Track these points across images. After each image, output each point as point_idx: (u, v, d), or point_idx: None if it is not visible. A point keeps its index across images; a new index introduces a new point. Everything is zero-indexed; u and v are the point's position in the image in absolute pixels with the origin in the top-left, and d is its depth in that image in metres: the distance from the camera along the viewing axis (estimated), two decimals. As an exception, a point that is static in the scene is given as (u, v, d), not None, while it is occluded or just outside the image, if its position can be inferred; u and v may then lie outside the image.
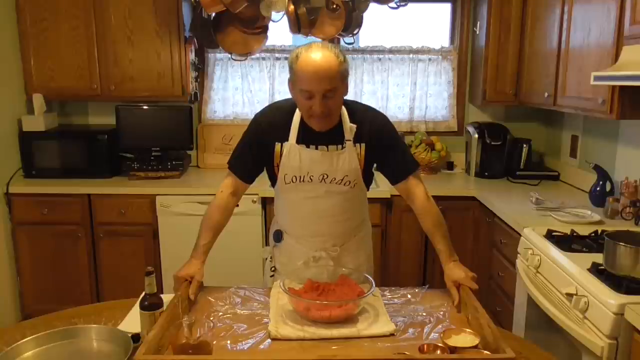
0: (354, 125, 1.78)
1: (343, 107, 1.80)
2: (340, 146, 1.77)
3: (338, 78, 1.65)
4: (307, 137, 1.78)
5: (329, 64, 1.62)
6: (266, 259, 2.03)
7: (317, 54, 1.63)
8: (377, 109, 1.92)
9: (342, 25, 2.98)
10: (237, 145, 1.88)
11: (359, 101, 2.12)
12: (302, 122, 1.78)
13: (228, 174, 1.88)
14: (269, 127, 1.81)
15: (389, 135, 1.84)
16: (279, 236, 1.96)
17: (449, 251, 1.77)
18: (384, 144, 1.82)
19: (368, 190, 1.95)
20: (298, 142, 1.78)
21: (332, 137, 1.78)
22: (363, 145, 1.80)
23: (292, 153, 1.77)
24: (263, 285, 2.03)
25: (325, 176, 1.78)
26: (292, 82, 1.70)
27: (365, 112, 1.85)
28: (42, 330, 1.45)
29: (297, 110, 1.79)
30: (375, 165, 1.88)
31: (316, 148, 1.77)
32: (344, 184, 1.80)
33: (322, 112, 1.66)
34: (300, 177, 1.79)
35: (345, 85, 1.73)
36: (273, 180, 1.88)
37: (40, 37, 3.20)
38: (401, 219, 3.11)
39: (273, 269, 1.98)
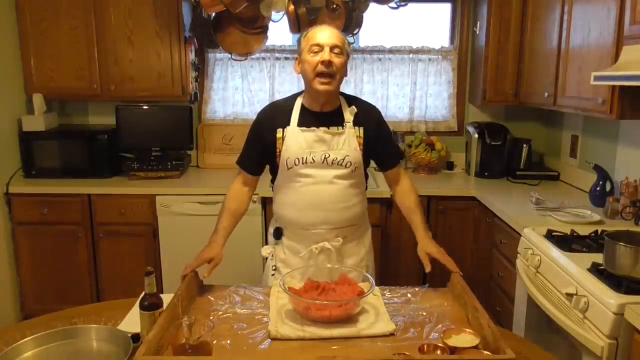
0: (354, 108, 1.91)
1: (342, 97, 1.94)
2: (340, 127, 1.89)
3: (343, 43, 1.84)
4: (308, 120, 1.89)
5: (337, 31, 1.86)
6: (266, 258, 2.05)
7: (326, 25, 1.90)
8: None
9: (342, 25, 2.98)
10: (243, 145, 2.02)
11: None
12: (303, 108, 1.91)
13: (238, 171, 2.02)
14: (269, 119, 1.93)
15: (384, 125, 2.01)
16: (278, 234, 2.00)
17: (425, 226, 2.00)
18: (380, 133, 1.97)
19: (366, 189, 2.02)
20: (299, 125, 1.88)
21: (332, 119, 1.90)
22: (362, 129, 1.91)
23: (293, 136, 1.87)
24: (263, 284, 2.04)
25: (327, 155, 1.86)
26: (301, 52, 1.86)
27: (363, 102, 2.02)
28: (41, 330, 1.46)
29: (297, 99, 1.93)
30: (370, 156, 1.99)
31: (317, 128, 1.87)
32: (345, 166, 1.87)
33: (330, 63, 1.78)
34: (302, 158, 1.86)
35: (346, 65, 1.88)
36: (274, 172, 1.96)
37: (40, 37, 3.20)
38: (401, 218, 3.06)
39: (274, 267, 2.00)
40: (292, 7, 2.79)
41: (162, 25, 3.21)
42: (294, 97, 1.96)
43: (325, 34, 1.82)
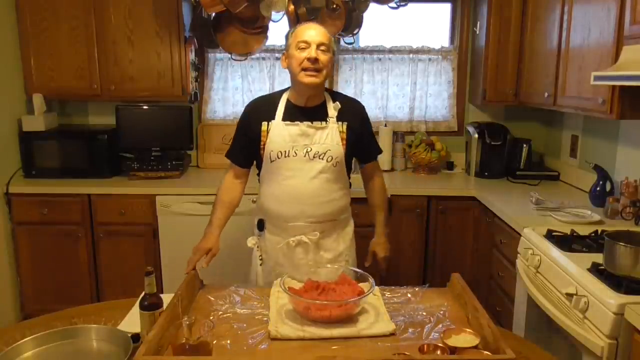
0: (338, 104, 1.98)
1: (326, 93, 2.02)
2: (324, 122, 1.96)
3: (329, 41, 1.91)
4: (292, 114, 1.97)
5: (323, 29, 1.93)
6: (253, 248, 2.12)
7: (313, 23, 1.98)
8: (377, 108, 2.07)
9: (342, 25, 2.98)
10: (232, 138, 2.11)
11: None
12: (288, 103, 1.99)
13: (229, 164, 2.11)
14: (255, 112, 2.02)
15: (367, 121, 2.09)
16: (261, 225, 2.08)
17: (385, 226, 2.17)
18: (363, 128, 2.05)
19: (350, 186, 2.10)
20: (284, 119, 1.96)
21: (316, 114, 1.97)
22: (345, 124, 1.98)
23: (277, 129, 1.95)
24: (251, 274, 2.13)
25: (309, 149, 1.92)
26: (288, 48, 1.93)
27: (347, 98, 2.10)
28: (41, 330, 1.46)
29: (284, 94, 2.01)
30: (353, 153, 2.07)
31: (301, 122, 1.94)
32: (327, 160, 1.94)
33: (316, 59, 1.86)
34: (285, 152, 1.92)
35: (333, 62, 1.97)
36: (260, 165, 2.03)
37: (40, 37, 3.20)
38: (401, 219, 3.11)
39: (261, 257, 2.08)
40: (292, 7, 2.79)
41: (162, 25, 3.21)
42: (280, 92, 2.05)
43: (312, 32, 1.89)
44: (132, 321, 1.56)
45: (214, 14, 3.06)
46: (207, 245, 1.95)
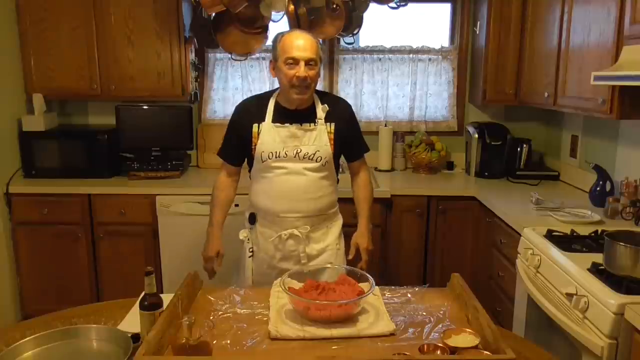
0: (326, 106, 2.04)
1: (315, 94, 2.06)
2: (312, 124, 2.02)
3: (317, 54, 1.95)
4: (282, 117, 2.02)
5: (311, 40, 1.95)
6: (244, 240, 2.16)
7: (300, 33, 1.98)
8: (377, 108, 2.10)
9: (342, 25, 2.99)
10: (224, 137, 2.16)
11: (357, 101, 2.27)
12: (277, 105, 2.04)
13: (222, 163, 2.18)
14: (246, 112, 2.08)
15: (355, 120, 2.18)
16: (252, 219, 2.14)
17: (367, 219, 2.19)
18: (351, 127, 2.13)
19: (338, 182, 2.17)
20: (274, 121, 2.02)
21: (305, 116, 2.03)
22: (333, 124, 2.05)
23: (268, 131, 2.01)
24: (240, 266, 2.18)
25: (299, 150, 2.00)
26: (276, 58, 1.96)
27: (336, 98, 2.19)
28: (41, 330, 1.46)
29: (273, 96, 2.06)
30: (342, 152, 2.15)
31: (290, 125, 2.00)
32: (316, 160, 2.01)
33: (305, 78, 1.90)
34: (275, 153, 2.00)
35: (320, 69, 2.01)
36: (251, 163, 2.08)
37: (40, 37, 3.20)
38: (401, 219, 3.11)
39: (251, 249, 2.13)
40: (292, 7, 2.79)
41: (162, 25, 3.21)
42: (270, 92, 2.10)
43: (300, 45, 1.91)
44: (132, 321, 1.56)
45: (214, 14, 3.06)
46: (215, 249, 2.08)
